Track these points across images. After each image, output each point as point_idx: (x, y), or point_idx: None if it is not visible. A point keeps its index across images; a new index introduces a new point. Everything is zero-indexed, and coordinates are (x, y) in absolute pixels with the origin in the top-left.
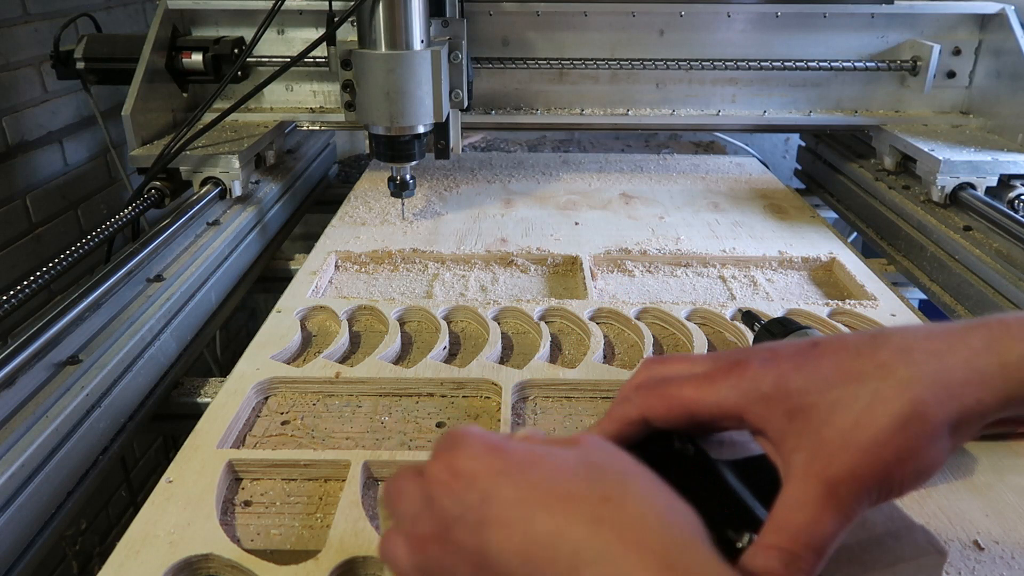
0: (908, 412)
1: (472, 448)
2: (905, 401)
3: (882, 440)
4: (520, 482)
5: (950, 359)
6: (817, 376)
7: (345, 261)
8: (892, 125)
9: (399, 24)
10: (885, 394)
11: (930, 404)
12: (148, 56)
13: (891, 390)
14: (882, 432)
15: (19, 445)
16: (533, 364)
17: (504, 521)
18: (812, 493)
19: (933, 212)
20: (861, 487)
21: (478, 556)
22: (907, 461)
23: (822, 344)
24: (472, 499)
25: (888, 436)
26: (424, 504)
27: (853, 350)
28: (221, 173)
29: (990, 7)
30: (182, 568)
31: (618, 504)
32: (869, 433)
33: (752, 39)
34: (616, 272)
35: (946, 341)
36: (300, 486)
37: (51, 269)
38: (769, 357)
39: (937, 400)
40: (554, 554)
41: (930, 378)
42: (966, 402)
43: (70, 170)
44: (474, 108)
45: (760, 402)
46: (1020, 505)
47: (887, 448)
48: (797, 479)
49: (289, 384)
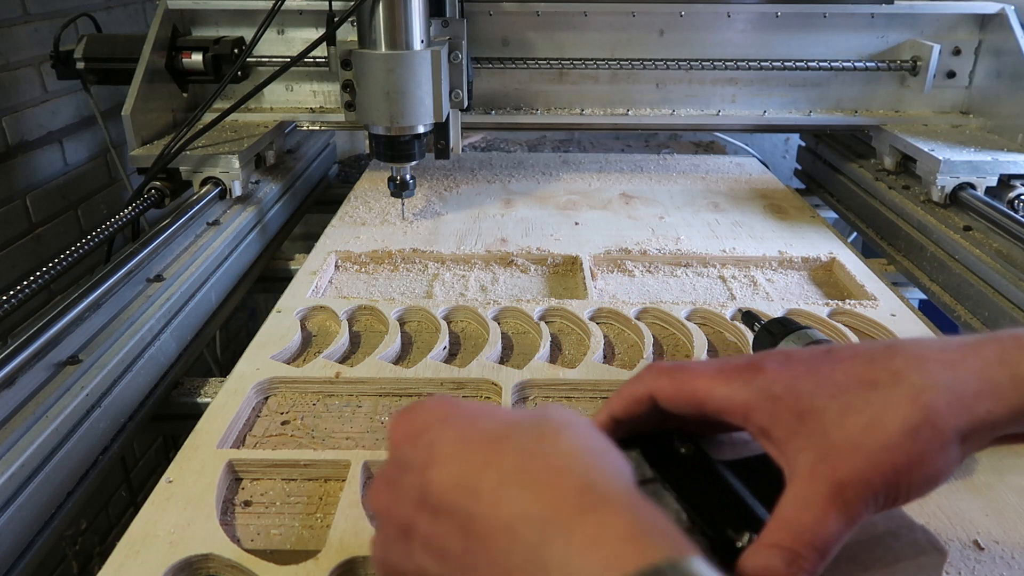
0: (919, 419)
1: (427, 404)
2: (917, 408)
3: (892, 445)
4: (464, 426)
5: (963, 370)
6: (830, 380)
7: (345, 261)
8: (892, 125)
9: (399, 24)
10: (897, 400)
11: (941, 413)
12: (148, 56)
13: (903, 397)
14: (893, 437)
15: (19, 445)
16: (533, 364)
17: (443, 459)
18: (818, 493)
19: (933, 212)
20: (868, 491)
21: (420, 493)
22: (916, 468)
23: (836, 351)
24: (421, 445)
25: (898, 442)
26: (389, 460)
27: (867, 357)
28: (221, 173)
29: (990, 7)
30: (182, 568)
31: (551, 442)
32: (879, 438)
33: (752, 39)
34: (616, 272)
35: (959, 352)
36: (300, 486)
37: (51, 269)
38: (783, 360)
39: (949, 409)
40: (480, 484)
41: (942, 387)
42: (977, 412)
43: (70, 170)
44: (474, 108)
45: (770, 401)
46: (1020, 505)
47: (897, 453)
48: (803, 479)
49: (289, 384)
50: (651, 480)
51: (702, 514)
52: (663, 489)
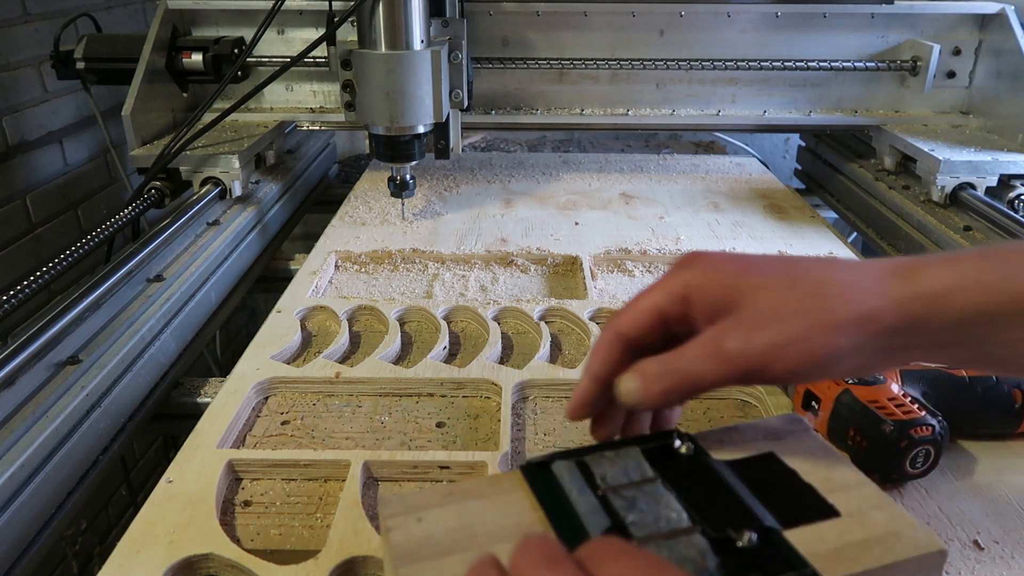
0: (808, 304)
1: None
2: (811, 296)
3: (785, 315)
4: None
5: (864, 273)
6: (754, 265)
7: (345, 261)
8: (892, 125)
9: (399, 24)
10: (802, 281)
11: (831, 300)
12: (148, 56)
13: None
14: (787, 309)
15: (19, 445)
16: (533, 364)
17: None
18: (702, 347)
19: (933, 212)
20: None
21: None
22: (793, 345)
23: (775, 258)
24: None
25: (790, 315)
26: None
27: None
28: (221, 173)
29: (990, 7)
30: (182, 568)
31: None
32: (771, 308)
33: (752, 39)
34: (616, 272)
35: (872, 263)
36: (300, 486)
37: (51, 269)
38: (714, 252)
39: (839, 300)
40: None
41: (840, 283)
42: (867, 305)
43: (70, 170)
44: (474, 108)
45: (701, 277)
46: (1020, 505)
47: (778, 332)
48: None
49: (289, 384)
50: (651, 480)
51: (702, 514)
52: (663, 489)
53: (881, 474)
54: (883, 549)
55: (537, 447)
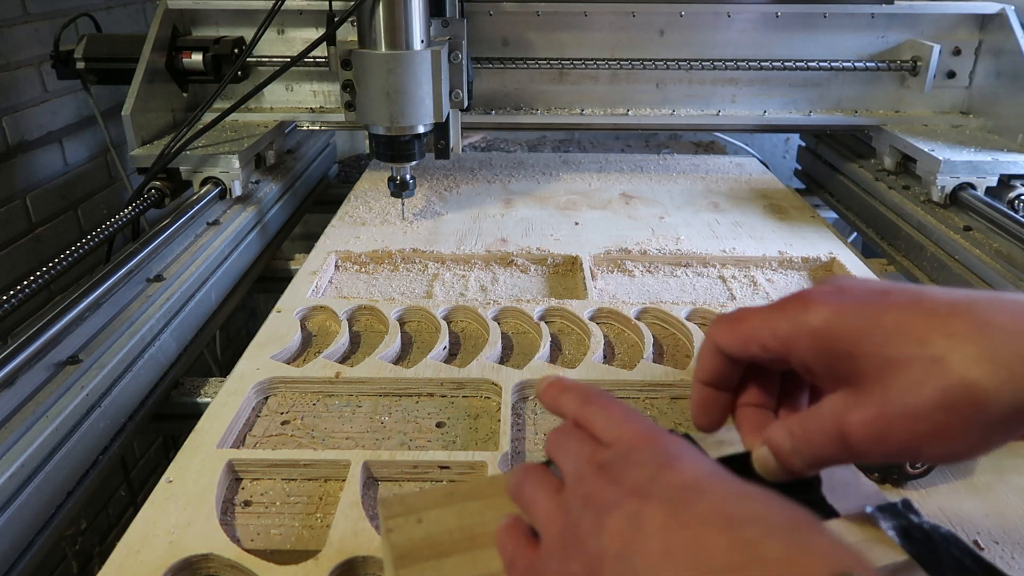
0: (959, 395)
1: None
2: (961, 382)
3: (921, 416)
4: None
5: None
6: (878, 325)
7: (345, 261)
8: (892, 125)
9: (399, 24)
10: (942, 368)
11: (988, 391)
12: (148, 56)
13: (950, 365)
14: (923, 407)
15: (19, 445)
16: (533, 364)
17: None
18: (831, 431)
19: (933, 212)
20: (879, 448)
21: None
22: (939, 441)
23: (895, 292)
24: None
25: (928, 413)
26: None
27: (926, 309)
28: (221, 173)
29: (990, 7)
30: (182, 568)
31: None
32: (910, 403)
33: (752, 39)
34: (616, 272)
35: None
36: (300, 486)
37: (51, 269)
38: (833, 293)
39: (998, 388)
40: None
41: (999, 361)
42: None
43: (70, 170)
44: (474, 108)
45: (809, 336)
46: (1020, 505)
47: (923, 424)
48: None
49: (289, 384)
50: None
51: None
52: None
53: (881, 474)
54: (883, 549)
55: (537, 447)
